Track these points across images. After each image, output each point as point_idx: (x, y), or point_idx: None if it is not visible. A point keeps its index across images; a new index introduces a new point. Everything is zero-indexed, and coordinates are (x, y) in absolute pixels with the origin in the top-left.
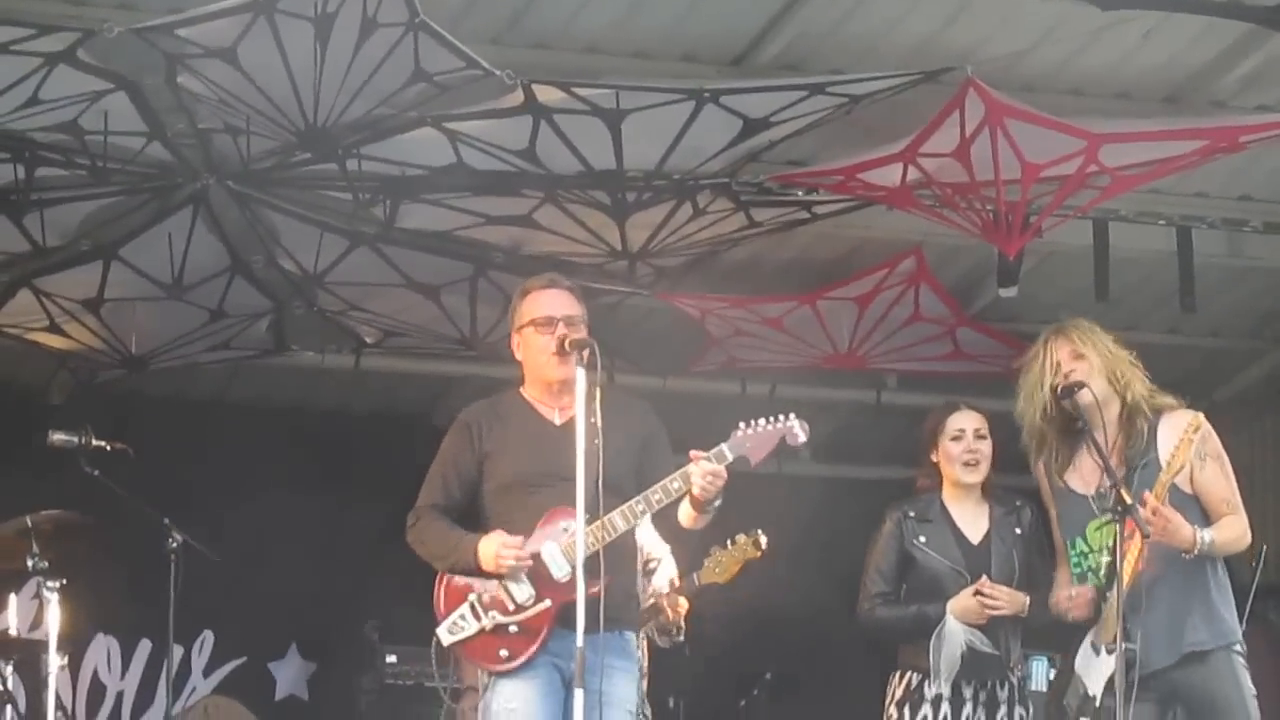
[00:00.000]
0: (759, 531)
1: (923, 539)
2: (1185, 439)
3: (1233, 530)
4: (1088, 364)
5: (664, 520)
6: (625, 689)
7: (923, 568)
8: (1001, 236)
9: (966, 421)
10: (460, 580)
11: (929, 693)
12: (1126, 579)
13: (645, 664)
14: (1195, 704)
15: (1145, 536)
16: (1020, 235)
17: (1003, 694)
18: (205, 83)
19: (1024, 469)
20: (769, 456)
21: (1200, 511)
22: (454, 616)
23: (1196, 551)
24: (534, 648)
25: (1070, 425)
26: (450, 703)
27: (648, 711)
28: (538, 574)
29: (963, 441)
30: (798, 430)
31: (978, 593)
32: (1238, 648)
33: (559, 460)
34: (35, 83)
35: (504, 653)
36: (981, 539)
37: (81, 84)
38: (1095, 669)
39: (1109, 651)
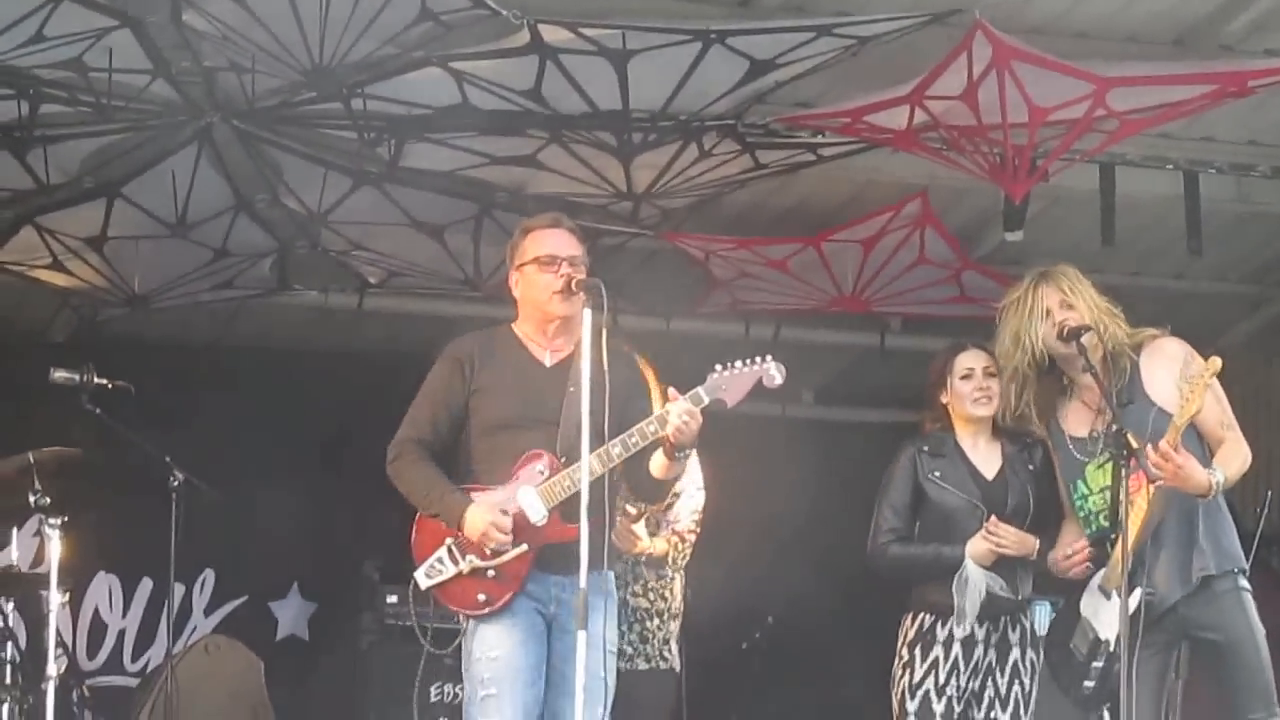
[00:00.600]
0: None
1: (937, 473)
2: (1200, 383)
3: (1237, 457)
4: (1077, 315)
5: (636, 467)
6: (610, 629)
7: (936, 503)
8: (1008, 180)
9: (975, 360)
10: (437, 522)
11: (941, 634)
12: (1137, 525)
13: (677, 605)
14: (1205, 641)
15: (1152, 481)
16: (1026, 179)
17: (1014, 636)
18: (210, 20)
19: None
20: (746, 398)
21: (1198, 437)
22: (431, 560)
23: (1213, 495)
24: (512, 591)
25: (1054, 371)
26: (429, 646)
27: (671, 651)
28: (515, 518)
29: (973, 379)
30: (774, 372)
31: (988, 533)
32: (1244, 581)
33: (545, 403)
34: (40, 19)
35: (482, 597)
36: (996, 474)
37: (86, 20)
38: (1107, 613)
39: (1113, 595)
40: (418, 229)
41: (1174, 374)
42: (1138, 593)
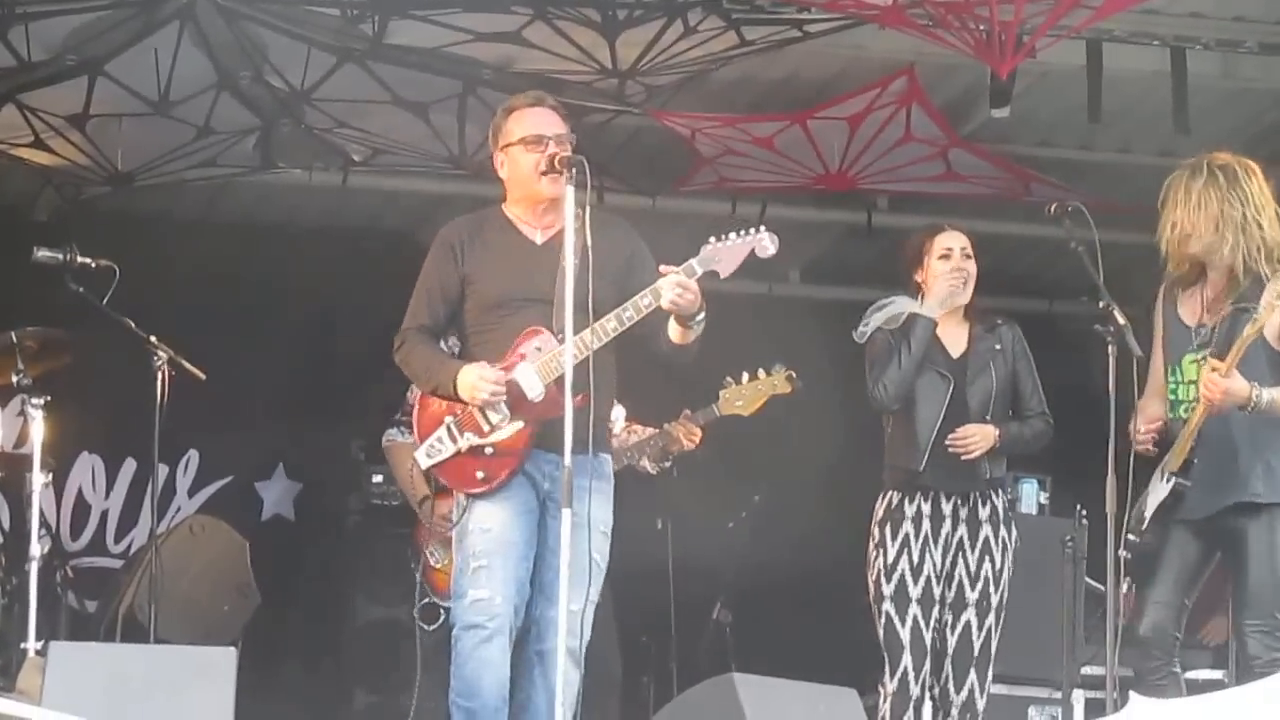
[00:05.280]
0: (791, 371)
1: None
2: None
3: None
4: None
5: (653, 340)
6: (601, 510)
7: None
8: (994, 56)
9: (954, 241)
10: (436, 403)
11: (909, 510)
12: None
13: None
14: (1232, 548)
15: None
16: (1013, 55)
17: (984, 513)
18: None
19: (1011, 292)
20: (739, 268)
21: (1267, 354)
22: (432, 439)
23: (1251, 409)
24: (510, 469)
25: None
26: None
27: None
28: (511, 394)
29: (950, 260)
30: (767, 242)
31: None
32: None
33: (538, 281)
34: None
35: (480, 474)
36: (960, 354)
37: None
38: (1154, 492)
39: (1166, 480)
40: (402, 106)
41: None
42: (1170, 482)
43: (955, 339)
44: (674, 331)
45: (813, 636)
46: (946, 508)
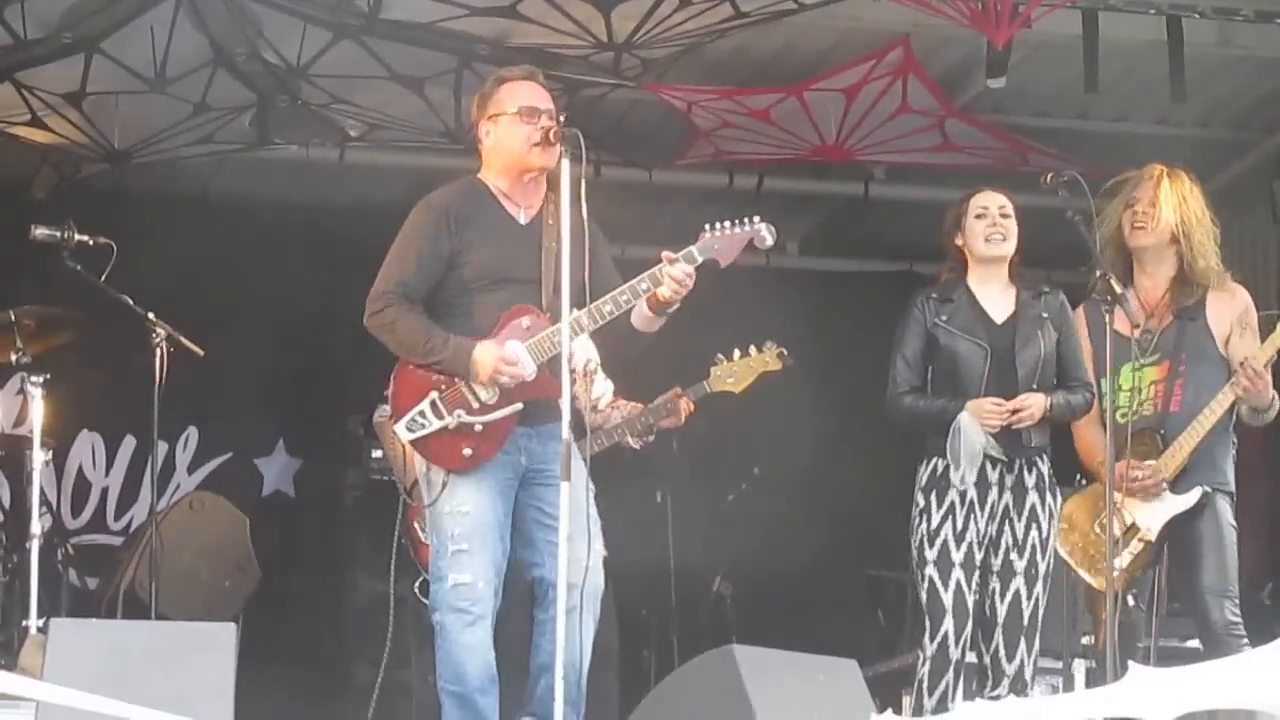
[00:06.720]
0: (782, 349)
1: (944, 318)
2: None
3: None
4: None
5: (615, 324)
6: (583, 471)
7: (945, 348)
8: (990, 26)
9: (989, 200)
10: (419, 375)
11: (954, 478)
12: (1201, 432)
13: None
14: (1185, 531)
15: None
16: (1009, 24)
17: (1030, 480)
18: None
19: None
20: (737, 258)
21: (1227, 373)
22: (413, 413)
23: (1266, 410)
24: (499, 446)
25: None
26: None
27: None
28: None
29: (986, 218)
30: (765, 234)
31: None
32: (1230, 490)
33: (523, 260)
34: None
35: (468, 451)
36: (1006, 319)
37: None
38: (1151, 504)
39: (1173, 492)
40: (398, 82)
41: (1235, 315)
42: (1197, 490)
43: (1000, 303)
44: (639, 318)
45: (813, 608)
46: (993, 475)
